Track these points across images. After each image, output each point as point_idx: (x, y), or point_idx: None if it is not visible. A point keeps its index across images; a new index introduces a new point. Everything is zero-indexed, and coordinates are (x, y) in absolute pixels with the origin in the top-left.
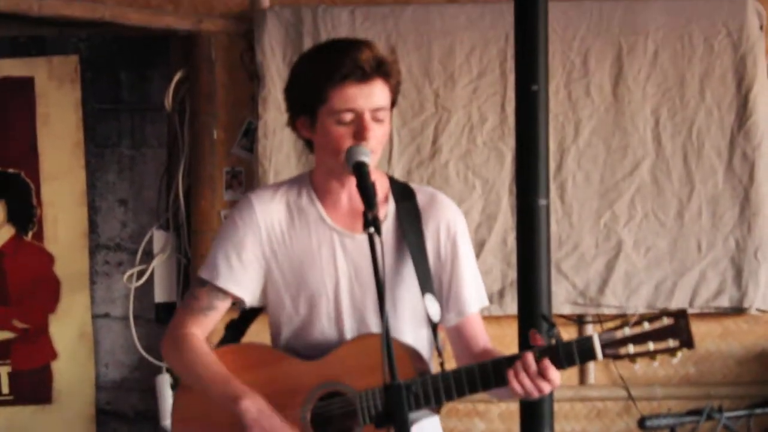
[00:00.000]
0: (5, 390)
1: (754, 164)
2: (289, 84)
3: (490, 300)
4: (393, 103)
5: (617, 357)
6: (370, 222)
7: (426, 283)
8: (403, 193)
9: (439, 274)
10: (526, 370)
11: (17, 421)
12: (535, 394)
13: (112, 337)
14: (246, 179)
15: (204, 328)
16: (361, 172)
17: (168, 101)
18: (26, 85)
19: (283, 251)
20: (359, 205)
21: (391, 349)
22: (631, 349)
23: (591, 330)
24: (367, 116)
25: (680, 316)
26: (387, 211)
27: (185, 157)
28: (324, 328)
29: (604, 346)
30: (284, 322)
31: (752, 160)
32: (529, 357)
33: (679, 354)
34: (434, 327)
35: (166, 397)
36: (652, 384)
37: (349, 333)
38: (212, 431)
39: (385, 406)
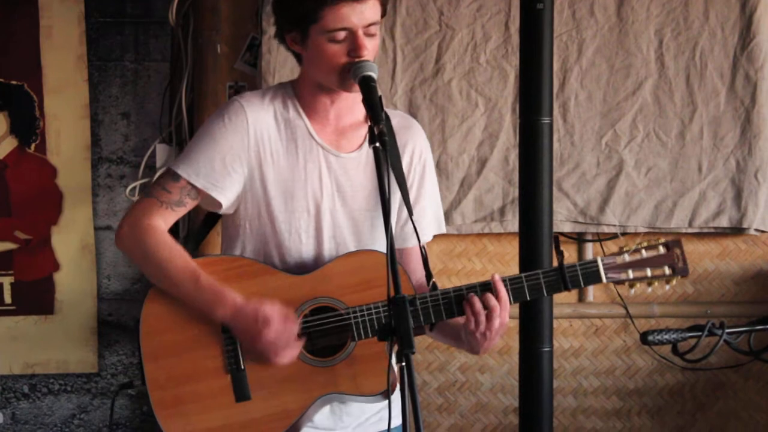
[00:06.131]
0: (8, 300)
1: (756, 86)
2: (278, 0)
3: (492, 217)
4: (383, 14)
5: (618, 281)
6: (377, 137)
7: (410, 204)
8: None
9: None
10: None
11: (19, 331)
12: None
13: (114, 250)
14: None
15: (168, 222)
16: (368, 86)
17: (172, 15)
18: None
19: (269, 161)
20: (346, 124)
21: (395, 263)
22: (631, 274)
23: (591, 248)
24: (361, 33)
25: (675, 245)
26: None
27: (189, 72)
28: (301, 245)
29: (606, 270)
30: (255, 235)
31: (754, 82)
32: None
33: (674, 281)
34: (421, 246)
35: None
36: (649, 302)
37: (327, 252)
38: (184, 343)
39: (388, 317)
